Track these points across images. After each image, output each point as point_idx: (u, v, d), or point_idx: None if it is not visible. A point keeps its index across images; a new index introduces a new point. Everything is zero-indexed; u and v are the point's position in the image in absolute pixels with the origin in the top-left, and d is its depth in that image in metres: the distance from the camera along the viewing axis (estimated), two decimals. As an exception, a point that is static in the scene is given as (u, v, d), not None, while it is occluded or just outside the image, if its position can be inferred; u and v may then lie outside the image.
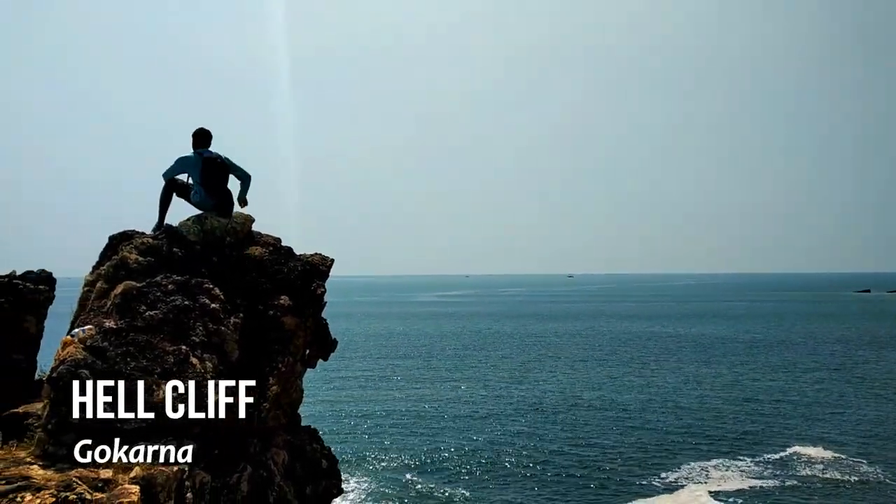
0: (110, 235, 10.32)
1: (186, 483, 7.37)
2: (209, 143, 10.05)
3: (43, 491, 6.39)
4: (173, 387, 7.87)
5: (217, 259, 9.74)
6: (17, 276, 10.27)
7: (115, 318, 8.39)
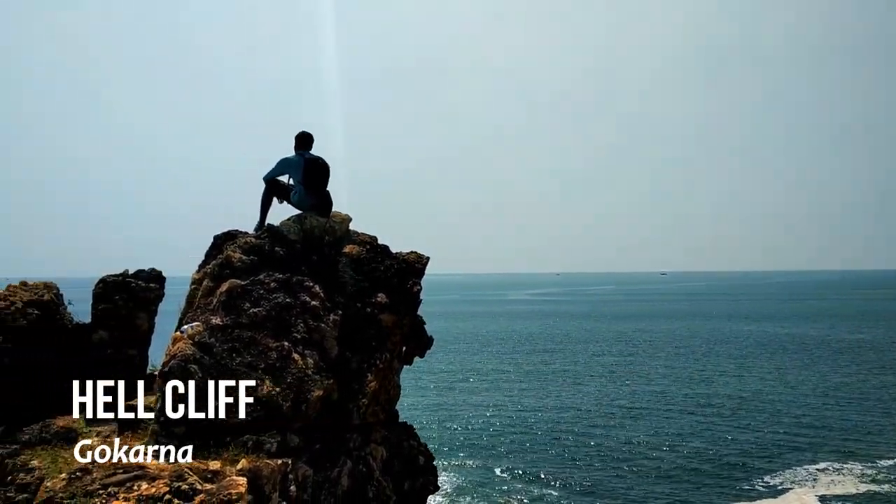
0: (215, 235, 10.69)
1: (290, 476, 7.55)
2: (311, 145, 10.28)
3: (157, 480, 6.66)
4: (276, 382, 8.09)
5: (316, 257, 9.95)
6: (129, 275, 10.77)
7: (220, 315, 8.67)
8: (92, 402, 8.54)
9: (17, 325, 10.02)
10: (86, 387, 8.59)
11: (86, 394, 8.55)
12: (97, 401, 8.51)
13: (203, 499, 6.41)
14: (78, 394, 8.58)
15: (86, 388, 8.58)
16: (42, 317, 10.31)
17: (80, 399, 8.56)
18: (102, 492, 6.68)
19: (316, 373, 8.43)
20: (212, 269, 9.67)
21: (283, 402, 7.92)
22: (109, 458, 7.45)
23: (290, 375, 8.21)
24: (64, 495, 6.83)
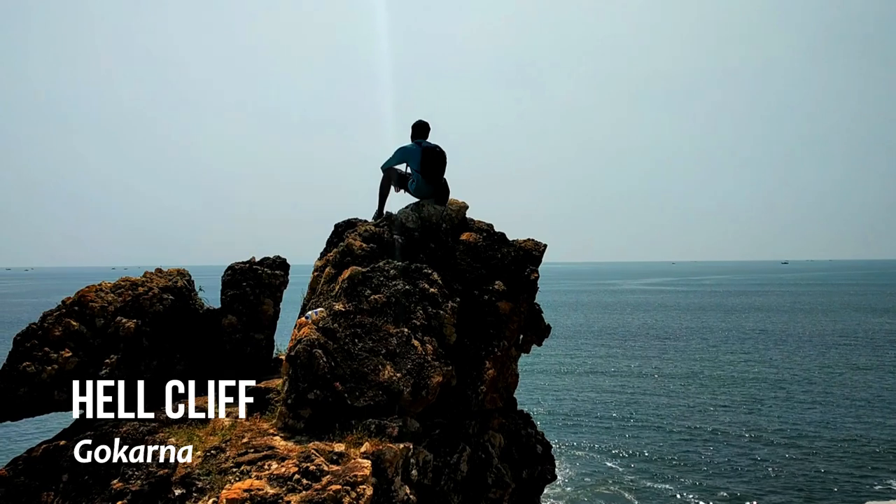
0: (336, 223, 10.96)
1: (411, 460, 7.67)
2: (427, 134, 10.37)
3: (286, 461, 6.90)
4: (397, 367, 8.22)
5: (434, 245, 10.03)
6: (256, 262, 11.22)
7: (343, 302, 8.88)
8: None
9: (154, 309, 10.58)
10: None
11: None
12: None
13: (329, 479, 6.59)
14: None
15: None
16: (176, 302, 10.85)
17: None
18: (235, 470, 6.97)
19: (435, 359, 8.50)
20: (333, 257, 9.92)
21: (403, 388, 8.03)
22: (241, 439, 7.78)
23: (410, 361, 8.31)
24: (200, 472, 7.17)
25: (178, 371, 10.44)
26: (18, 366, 9.88)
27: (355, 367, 8.14)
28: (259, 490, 6.33)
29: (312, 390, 7.85)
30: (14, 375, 9.84)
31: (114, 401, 9.90)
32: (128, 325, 10.25)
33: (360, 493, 6.45)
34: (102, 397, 9.93)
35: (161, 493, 7.29)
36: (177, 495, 7.02)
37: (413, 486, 7.48)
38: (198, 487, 6.95)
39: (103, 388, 9.90)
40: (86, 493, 8.80)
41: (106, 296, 10.63)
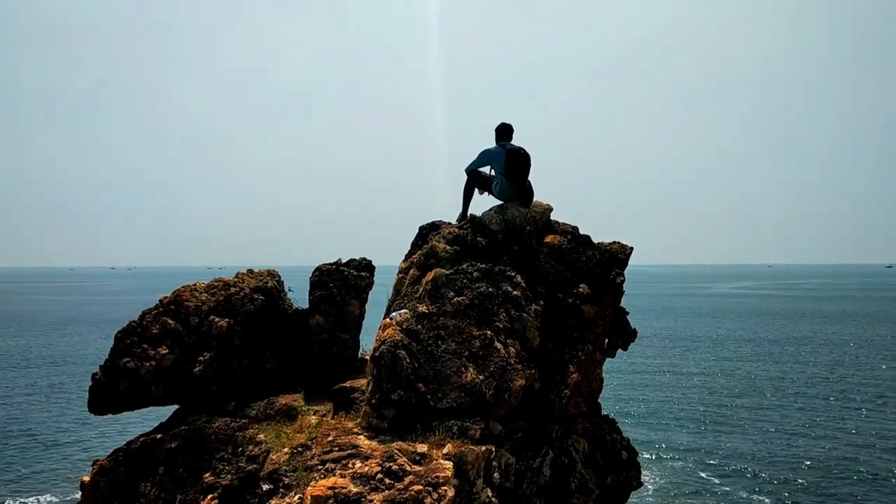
0: (420, 226, 11.05)
1: (493, 463, 7.66)
2: (511, 136, 10.33)
3: (370, 460, 7.00)
4: (479, 370, 8.22)
5: (518, 247, 9.99)
6: (343, 264, 11.43)
7: (426, 303, 8.94)
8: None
9: (245, 309, 10.91)
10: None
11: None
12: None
13: (412, 480, 6.65)
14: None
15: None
16: (266, 302, 11.16)
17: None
18: (321, 467, 7.12)
19: (518, 362, 8.47)
20: (418, 259, 10.00)
21: (486, 390, 8.03)
22: (326, 437, 7.94)
23: (493, 364, 8.31)
24: (287, 468, 7.36)
25: (268, 369, 10.73)
26: (119, 361, 10.35)
27: (438, 368, 8.19)
28: (343, 488, 6.44)
29: (396, 391, 7.93)
30: (115, 371, 10.31)
31: (207, 397, 10.28)
32: (220, 323, 10.60)
33: (441, 494, 6.48)
34: (197, 393, 10.32)
35: (250, 488, 7.50)
36: (264, 490, 7.23)
37: (495, 489, 7.48)
38: (284, 483, 7.13)
39: (197, 384, 10.29)
40: (180, 485, 9.15)
41: (200, 295, 11.02)
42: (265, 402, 9.78)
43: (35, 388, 47.74)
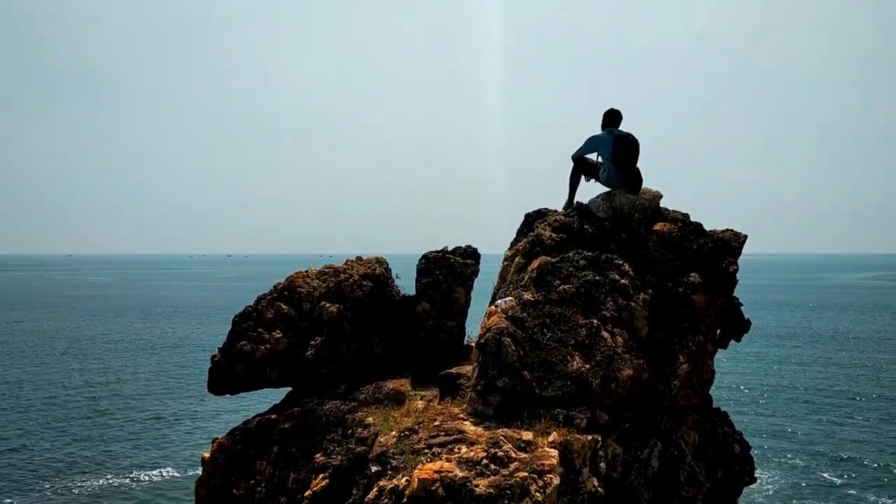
0: (526, 213, 11.01)
1: (600, 453, 7.58)
2: (619, 122, 10.14)
3: (475, 445, 7.06)
4: (586, 359, 8.14)
5: (625, 235, 9.81)
6: (448, 252, 11.54)
7: (532, 291, 8.92)
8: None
9: (355, 295, 11.19)
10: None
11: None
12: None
13: (517, 466, 6.66)
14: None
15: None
16: (374, 289, 11.41)
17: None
18: (427, 451, 7.23)
19: (626, 351, 8.34)
20: (523, 247, 9.98)
21: (592, 379, 7.95)
22: (433, 422, 8.05)
23: (600, 353, 8.21)
24: (395, 451, 7.51)
25: (376, 354, 10.97)
26: (236, 344, 10.83)
27: (543, 356, 8.16)
28: (449, 472, 6.53)
29: (501, 378, 7.96)
30: (232, 353, 10.79)
31: (318, 380, 10.61)
32: (331, 309, 10.91)
33: (547, 481, 6.48)
34: (308, 376, 10.67)
35: (359, 469, 7.72)
36: (373, 472, 7.41)
37: (601, 479, 7.40)
38: (392, 466, 7.28)
39: (309, 367, 10.63)
40: (293, 464, 9.50)
41: (312, 282, 11.38)
42: (373, 386, 10.01)
43: (160, 369, 50.56)
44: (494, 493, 6.32)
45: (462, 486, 6.38)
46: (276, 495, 9.35)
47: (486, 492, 6.34)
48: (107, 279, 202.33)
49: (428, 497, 6.38)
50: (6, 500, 25.19)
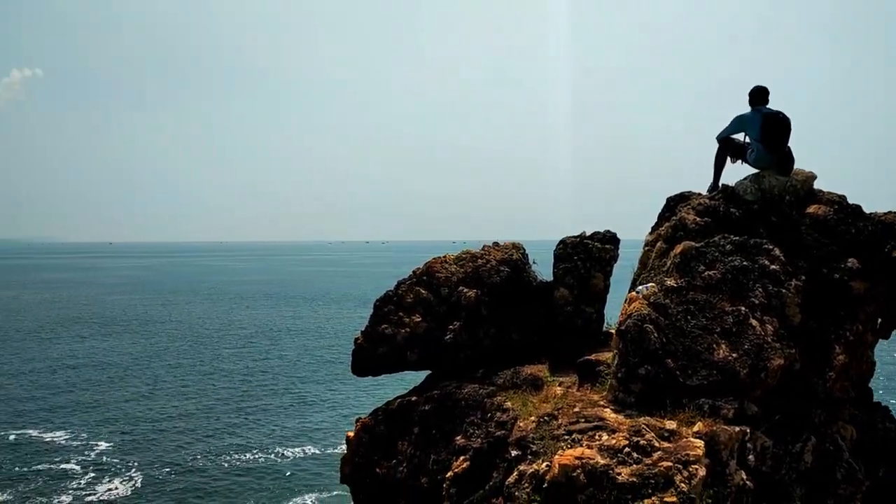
0: (668, 197, 10.69)
1: (748, 445, 7.29)
2: (767, 99, 9.66)
3: (616, 433, 6.96)
4: (732, 347, 7.84)
5: (776, 219, 9.35)
6: (587, 237, 11.40)
7: (674, 277, 8.66)
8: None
9: (492, 280, 11.25)
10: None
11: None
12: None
13: (660, 456, 6.52)
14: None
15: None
16: (511, 274, 11.43)
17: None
18: (567, 437, 7.20)
19: (776, 340, 7.96)
20: (665, 231, 9.71)
21: (739, 369, 7.64)
22: (572, 408, 8.00)
23: (748, 341, 7.87)
24: (534, 436, 7.53)
25: (514, 340, 11.01)
26: (378, 328, 11.15)
27: (687, 344, 7.91)
28: (590, 459, 6.48)
29: (643, 365, 7.79)
30: (374, 336, 11.12)
31: (456, 364, 10.77)
32: (469, 294, 11.02)
33: (692, 472, 6.31)
34: (447, 360, 10.84)
35: (499, 453, 7.79)
36: (513, 456, 7.46)
37: (749, 472, 7.12)
38: (532, 451, 7.31)
39: (448, 351, 10.80)
40: (433, 446, 9.70)
41: (450, 267, 11.54)
42: (511, 371, 10.05)
43: (305, 352, 52.89)
44: (637, 482, 6.22)
45: (604, 474, 6.32)
46: (418, 475, 9.58)
47: (628, 480, 6.25)
48: (257, 265, 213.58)
49: (569, 483, 6.35)
50: (164, 469, 27.16)
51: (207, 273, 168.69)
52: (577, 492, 6.31)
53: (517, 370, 10.09)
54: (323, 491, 25.31)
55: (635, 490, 6.17)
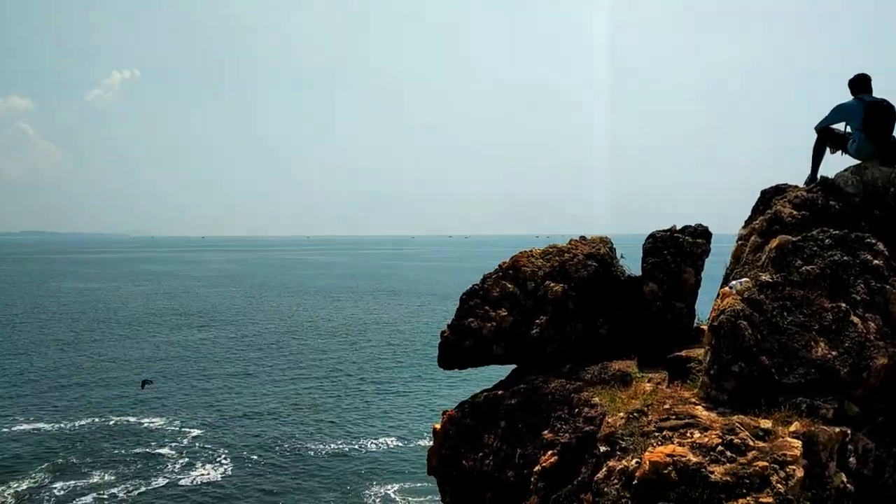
0: (762, 190, 10.37)
1: (849, 446, 7.03)
2: (870, 88, 9.26)
3: (709, 431, 6.82)
4: (832, 345, 7.57)
5: (879, 212, 8.96)
6: (677, 231, 11.14)
7: (770, 272, 8.41)
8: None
9: (579, 275, 11.17)
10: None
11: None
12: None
13: (755, 455, 6.36)
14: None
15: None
16: (599, 268, 11.32)
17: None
18: (658, 434, 7.10)
19: (879, 339, 7.63)
20: (760, 225, 9.43)
21: (839, 368, 7.37)
22: (662, 404, 7.88)
23: (848, 339, 7.58)
24: (623, 432, 7.44)
25: (601, 335, 10.90)
26: (464, 321, 11.23)
27: (784, 341, 7.68)
28: (682, 457, 6.37)
29: (736, 362, 7.61)
30: (461, 329, 11.21)
31: (542, 358, 10.74)
32: (555, 288, 10.97)
33: (789, 473, 6.13)
34: (533, 354, 10.83)
35: (587, 448, 7.74)
36: (601, 452, 7.40)
37: (850, 475, 6.86)
38: (621, 447, 7.23)
39: (534, 345, 10.79)
40: (519, 440, 9.72)
41: (536, 261, 11.51)
42: (599, 367, 9.96)
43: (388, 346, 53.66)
44: (731, 482, 6.09)
45: (696, 472, 6.21)
46: (504, 469, 9.62)
47: (721, 479, 6.12)
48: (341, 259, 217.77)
49: (660, 480, 6.27)
50: (252, 456, 28.01)
51: (293, 267, 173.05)
52: (668, 489, 6.22)
53: (605, 365, 10.00)
54: (405, 481, 25.67)
55: (729, 489, 6.04)
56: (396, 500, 23.97)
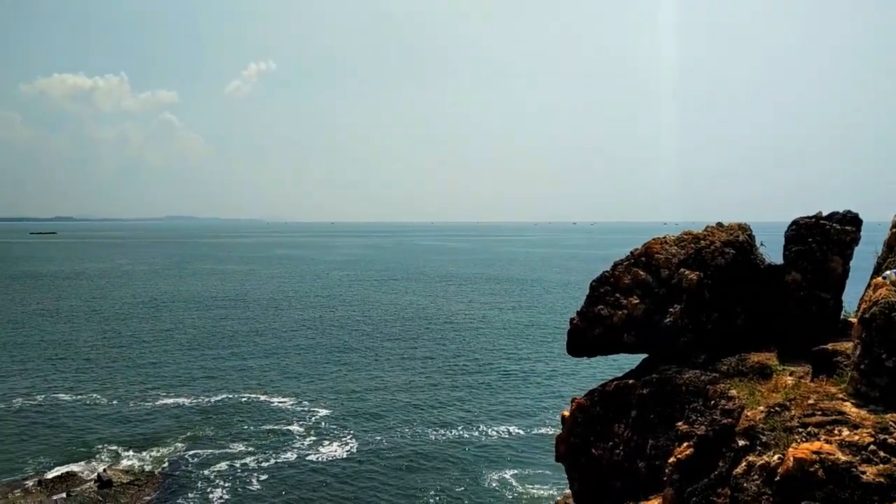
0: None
1: None
2: None
3: (860, 429, 6.44)
4: None
5: None
6: (823, 217, 10.42)
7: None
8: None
9: (715, 262, 10.75)
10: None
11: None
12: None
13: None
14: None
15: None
16: (737, 256, 10.85)
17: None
18: (802, 430, 6.78)
19: None
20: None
21: None
22: (806, 399, 7.50)
23: None
24: (764, 426, 7.15)
25: (738, 325, 10.47)
26: (593, 309, 11.06)
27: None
28: (829, 454, 6.06)
29: (891, 357, 7.13)
30: (590, 316, 11.04)
31: (675, 348, 10.43)
32: (690, 276, 10.62)
33: (951, 477, 5.71)
34: (665, 344, 10.53)
35: (725, 441, 7.47)
36: (740, 445, 7.14)
37: None
38: (762, 441, 6.95)
39: (666, 335, 10.49)
40: (651, 430, 9.51)
41: (670, 248, 11.17)
42: (736, 358, 9.59)
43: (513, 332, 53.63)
44: (885, 483, 5.74)
45: (846, 471, 5.89)
46: (634, 459, 9.45)
47: (874, 480, 5.78)
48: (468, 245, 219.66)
49: (805, 478, 5.99)
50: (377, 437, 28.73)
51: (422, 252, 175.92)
52: (814, 488, 5.94)
53: (742, 357, 9.61)
54: (524, 468, 25.62)
55: (883, 491, 5.70)
56: (515, 485, 23.90)
